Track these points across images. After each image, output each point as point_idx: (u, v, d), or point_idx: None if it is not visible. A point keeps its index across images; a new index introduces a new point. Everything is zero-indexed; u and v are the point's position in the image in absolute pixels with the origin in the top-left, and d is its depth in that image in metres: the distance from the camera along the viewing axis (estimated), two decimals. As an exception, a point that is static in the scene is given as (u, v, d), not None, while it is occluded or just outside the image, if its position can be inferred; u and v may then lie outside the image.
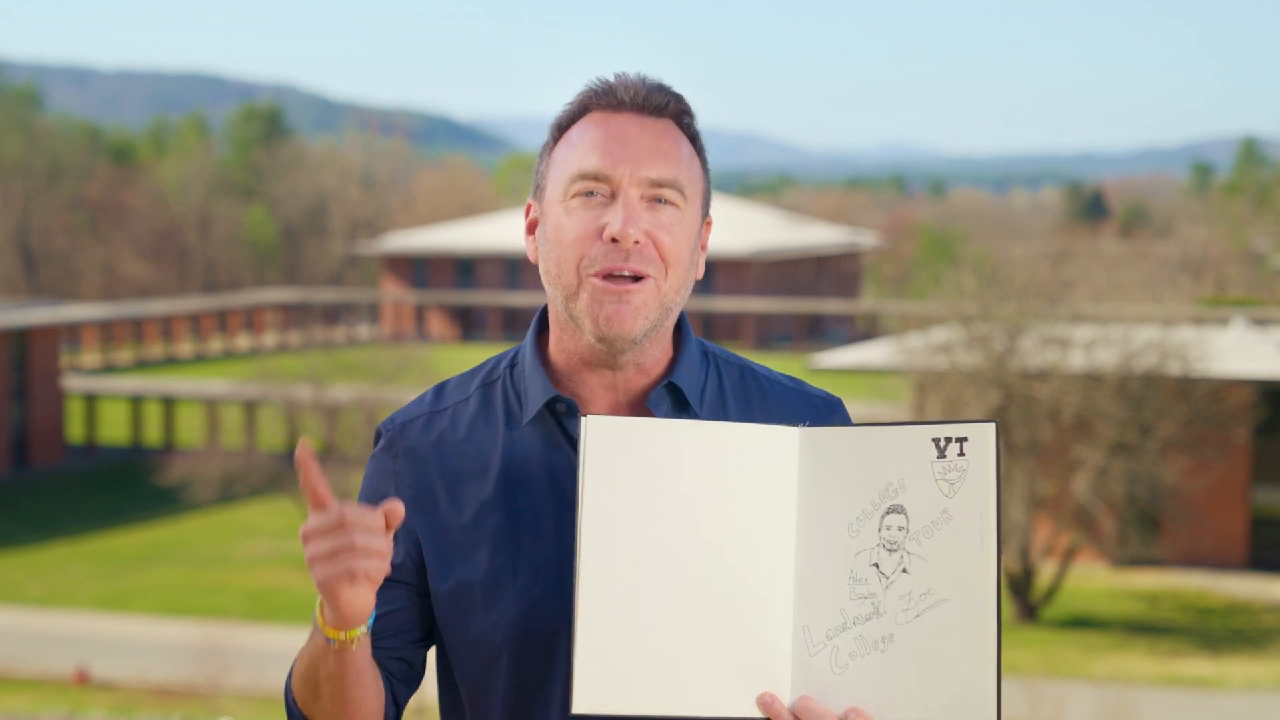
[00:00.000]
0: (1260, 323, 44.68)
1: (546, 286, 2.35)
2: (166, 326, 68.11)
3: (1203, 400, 29.85)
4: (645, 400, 2.37)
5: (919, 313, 39.08)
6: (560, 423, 2.34)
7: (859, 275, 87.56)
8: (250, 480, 35.00)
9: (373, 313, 76.48)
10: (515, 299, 71.16)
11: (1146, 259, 60.04)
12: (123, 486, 42.42)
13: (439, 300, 73.41)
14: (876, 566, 2.17)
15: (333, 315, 73.82)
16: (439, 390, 2.44)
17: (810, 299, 74.28)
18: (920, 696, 2.14)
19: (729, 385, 2.43)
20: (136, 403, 48.38)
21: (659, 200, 2.31)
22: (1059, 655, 26.62)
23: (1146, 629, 28.18)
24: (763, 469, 2.19)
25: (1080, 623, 28.66)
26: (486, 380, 2.42)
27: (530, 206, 2.41)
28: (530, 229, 2.40)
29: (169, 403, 47.47)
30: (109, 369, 61.86)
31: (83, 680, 25.09)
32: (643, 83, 2.35)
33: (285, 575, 32.42)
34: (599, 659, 2.14)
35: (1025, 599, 28.53)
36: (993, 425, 2.16)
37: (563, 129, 2.37)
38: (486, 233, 74.66)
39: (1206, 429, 30.20)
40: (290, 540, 35.45)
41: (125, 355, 65.94)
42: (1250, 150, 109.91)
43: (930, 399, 29.96)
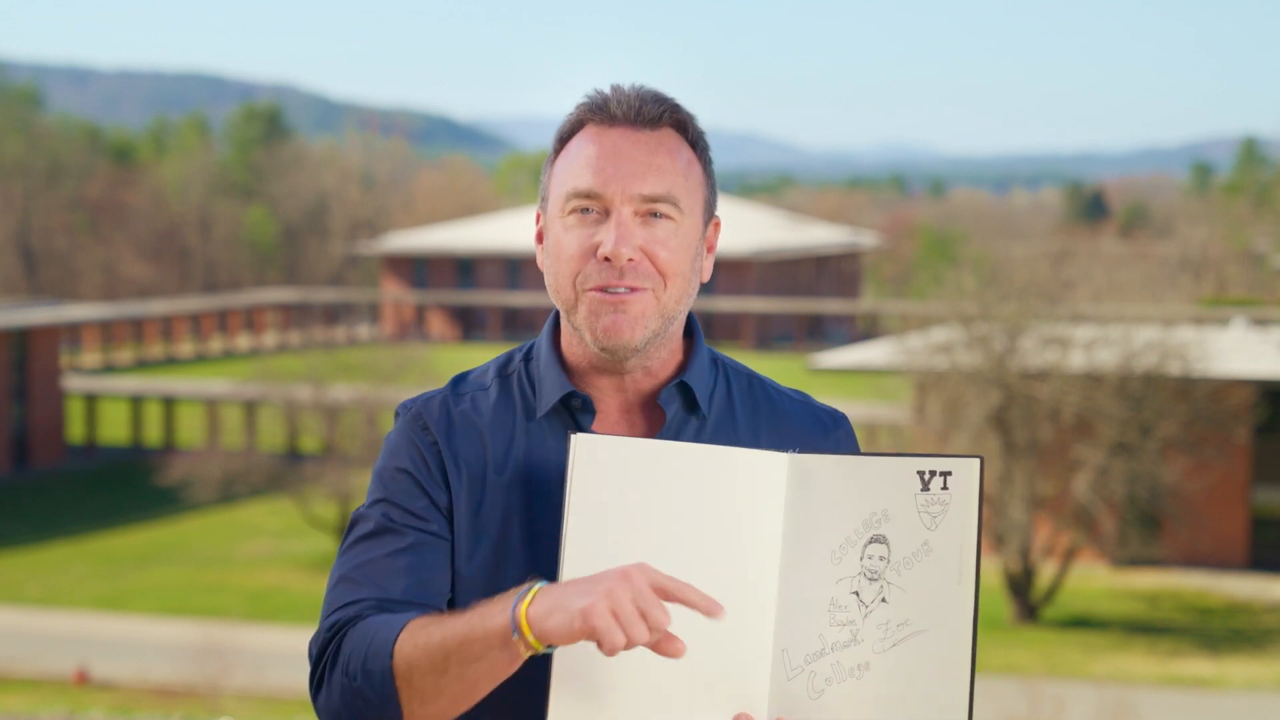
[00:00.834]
0: (1260, 323, 44.68)
1: (551, 298, 2.39)
2: (167, 326, 68.12)
3: (1203, 400, 29.85)
4: (656, 399, 2.39)
5: (919, 313, 39.10)
6: (575, 418, 2.38)
7: (859, 275, 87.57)
8: (250, 480, 35.01)
9: (373, 313, 76.49)
10: (515, 299, 71.16)
11: (1147, 259, 60.04)
12: (123, 486, 42.43)
13: (439, 300, 73.42)
14: (857, 594, 2.18)
15: (333, 315, 73.84)
16: (457, 380, 2.48)
17: (810, 299, 74.28)
18: None
19: (737, 393, 2.45)
20: (137, 403, 48.39)
21: (654, 214, 2.33)
22: (1059, 655, 26.62)
23: (1147, 629, 28.18)
24: (750, 493, 2.19)
25: (1080, 623, 28.66)
26: (503, 372, 2.46)
27: (539, 215, 2.45)
28: (539, 238, 2.44)
29: (169, 403, 47.47)
30: (109, 369, 61.86)
31: (83, 680, 25.09)
32: (637, 95, 2.37)
33: (285, 575, 32.42)
34: (576, 677, 2.14)
35: (1025, 599, 28.53)
36: (977, 461, 2.19)
37: (563, 141, 2.40)
38: (486, 233, 74.67)
39: (1207, 429, 30.20)
40: (290, 540, 35.46)
41: (125, 355, 65.94)
42: (1250, 150, 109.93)
43: (930, 399, 29.97)
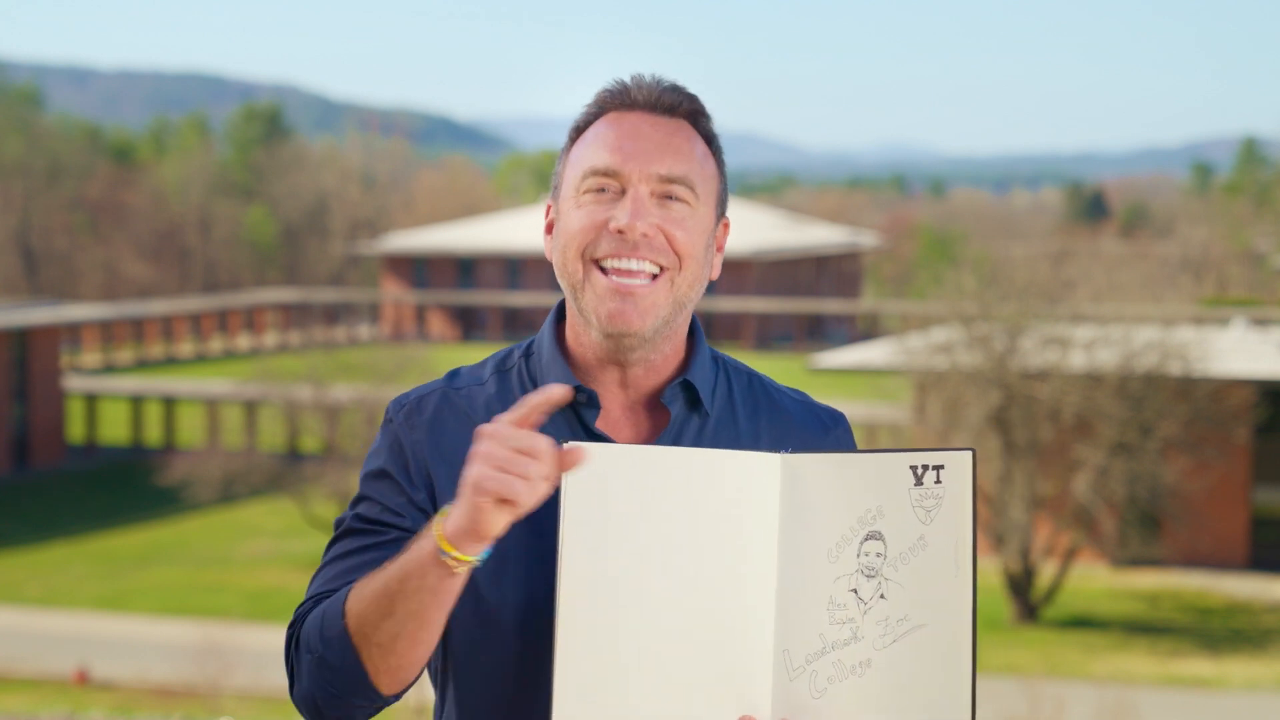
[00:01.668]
0: (1261, 323, 44.68)
1: (559, 280, 2.38)
2: (167, 326, 68.12)
3: (1203, 400, 29.85)
4: (659, 397, 2.39)
5: (919, 313, 39.09)
6: (579, 413, 2.36)
7: (859, 275, 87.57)
8: (250, 480, 35.01)
9: (373, 313, 76.48)
10: (516, 299, 71.16)
11: (1147, 259, 60.05)
12: (123, 486, 42.43)
13: (439, 300, 73.42)
14: (855, 592, 2.19)
15: (333, 315, 73.84)
16: (452, 374, 2.46)
17: (811, 299, 74.28)
18: None
19: (738, 392, 2.45)
20: (137, 403, 48.39)
21: (670, 197, 2.33)
22: (1059, 655, 26.62)
23: (1147, 629, 28.18)
24: (744, 495, 2.20)
25: (1080, 623, 28.66)
26: (501, 368, 2.44)
27: (549, 208, 2.44)
28: (548, 229, 2.43)
29: (169, 403, 47.47)
30: (109, 369, 61.86)
31: (83, 680, 25.10)
32: (657, 83, 2.39)
33: (285, 575, 32.42)
34: (579, 681, 2.15)
35: (1025, 599, 28.53)
36: (969, 454, 2.19)
37: (580, 130, 2.40)
38: (487, 233, 74.67)
39: (1207, 429, 30.20)
40: (290, 540, 35.47)
41: (126, 355, 65.95)
42: (1251, 150, 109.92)
43: (930, 399, 29.97)
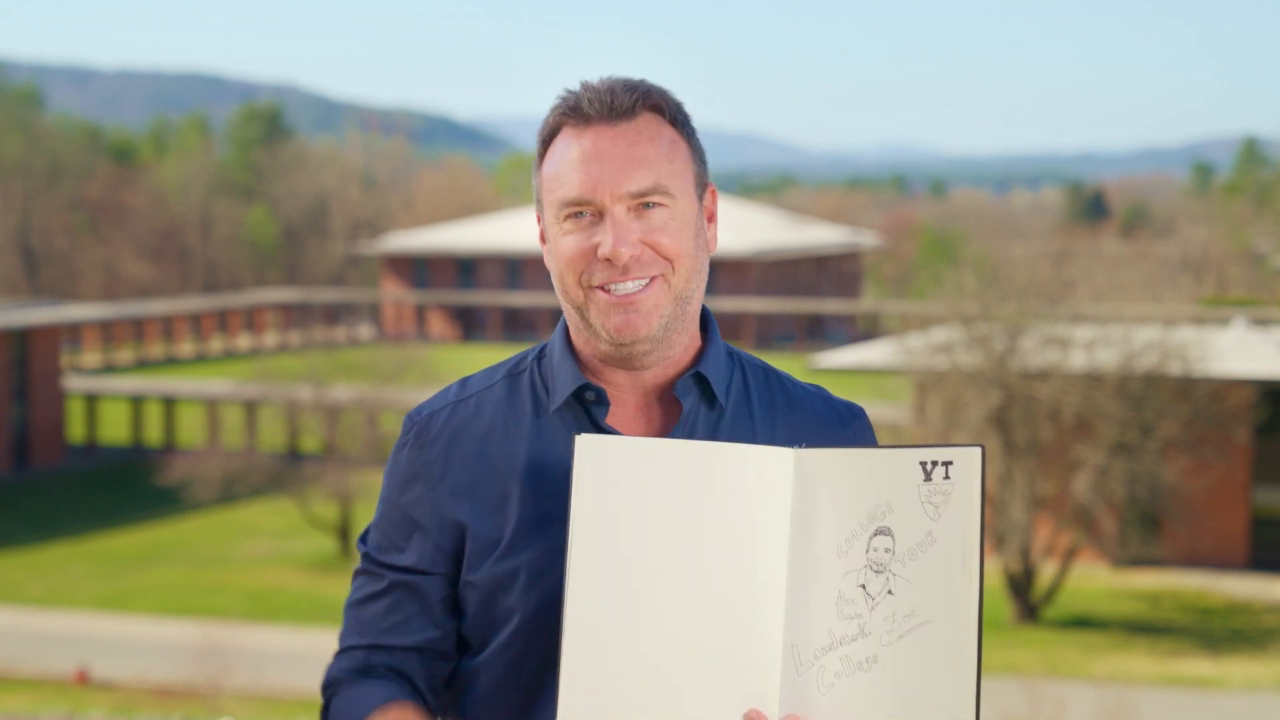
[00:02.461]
0: (1261, 323, 44.67)
1: (562, 302, 2.39)
2: (167, 326, 68.13)
3: (1203, 400, 29.85)
4: (672, 390, 2.39)
5: (919, 313, 39.09)
6: (589, 411, 2.38)
7: (859, 275, 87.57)
8: (251, 480, 35.01)
9: (373, 313, 76.48)
10: (516, 299, 71.16)
11: (1147, 259, 60.05)
12: (123, 486, 42.43)
13: (439, 300, 73.42)
14: (864, 588, 2.19)
15: (333, 315, 73.84)
16: (464, 382, 2.48)
17: (811, 299, 74.27)
18: (901, 716, 2.17)
19: (754, 386, 2.45)
20: (137, 403, 48.39)
21: (647, 205, 2.33)
22: (1059, 655, 26.62)
23: (1147, 629, 28.18)
24: (757, 490, 2.20)
25: (1081, 623, 28.66)
26: (513, 371, 2.46)
27: (539, 216, 2.45)
28: (542, 238, 2.45)
29: (169, 403, 47.47)
30: (109, 369, 61.87)
31: (83, 680, 25.10)
32: (608, 89, 2.36)
33: (285, 575, 32.42)
34: (586, 673, 2.15)
35: (1026, 599, 28.53)
36: (978, 450, 2.19)
37: (545, 144, 2.40)
38: (487, 233, 74.67)
39: (1207, 429, 30.20)
40: (291, 540, 35.47)
41: (126, 355, 65.95)
42: (1251, 150, 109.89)
43: (931, 399, 29.97)
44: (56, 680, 25.27)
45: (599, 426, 2.36)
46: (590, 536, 2.18)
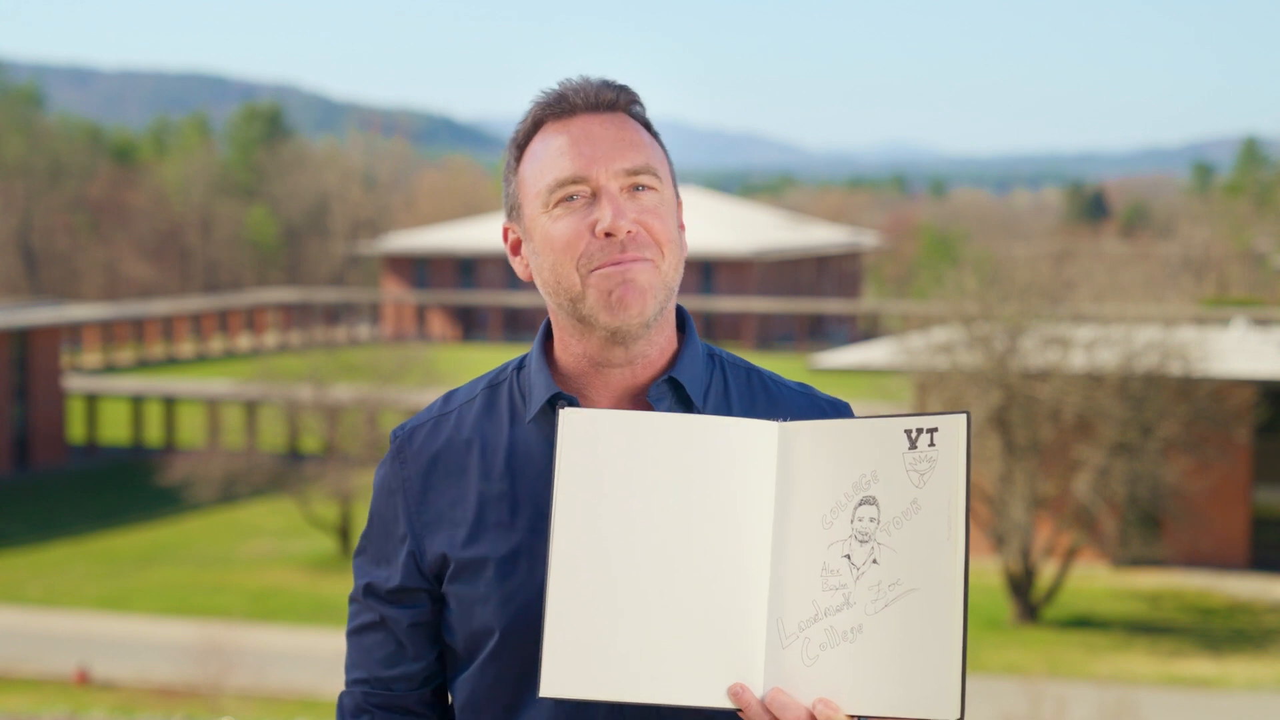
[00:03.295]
0: (1261, 323, 44.69)
1: (547, 298, 2.36)
2: (168, 326, 68.15)
3: (1204, 400, 29.85)
4: (646, 395, 2.38)
5: (920, 313, 39.10)
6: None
7: (860, 275, 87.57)
8: (251, 480, 35.02)
9: (374, 313, 76.50)
10: (516, 299, 71.18)
11: (1148, 259, 60.07)
12: (124, 486, 42.44)
13: (440, 300, 73.43)
14: (848, 558, 2.18)
15: (334, 315, 73.85)
16: (448, 396, 2.49)
17: (812, 299, 74.28)
18: (886, 686, 2.15)
19: (735, 388, 2.44)
20: (138, 403, 48.40)
21: (638, 188, 2.33)
22: (1060, 655, 26.62)
23: (1148, 629, 28.18)
24: (740, 462, 2.20)
25: (1082, 623, 28.66)
26: (493, 382, 2.47)
27: (508, 230, 2.43)
28: (514, 249, 2.42)
29: (170, 403, 47.48)
30: (110, 369, 61.89)
31: (84, 680, 25.10)
32: (589, 83, 2.38)
33: (286, 575, 32.43)
34: (569, 644, 2.15)
35: (1026, 599, 28.52)
36: (964, 416, 2.17)
37: (522, 146, 2.39)
38: (487, 233, 74.67)
39: (1208, 429, 30.20)
40: (291, 540, 35.48)
41: (126, 355, 65.97)
42: (1251, 150, 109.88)
43: (931, 399, 29.96)
44: (57, 680, 25.28)
45: None
46: (574, 510, 2.18)
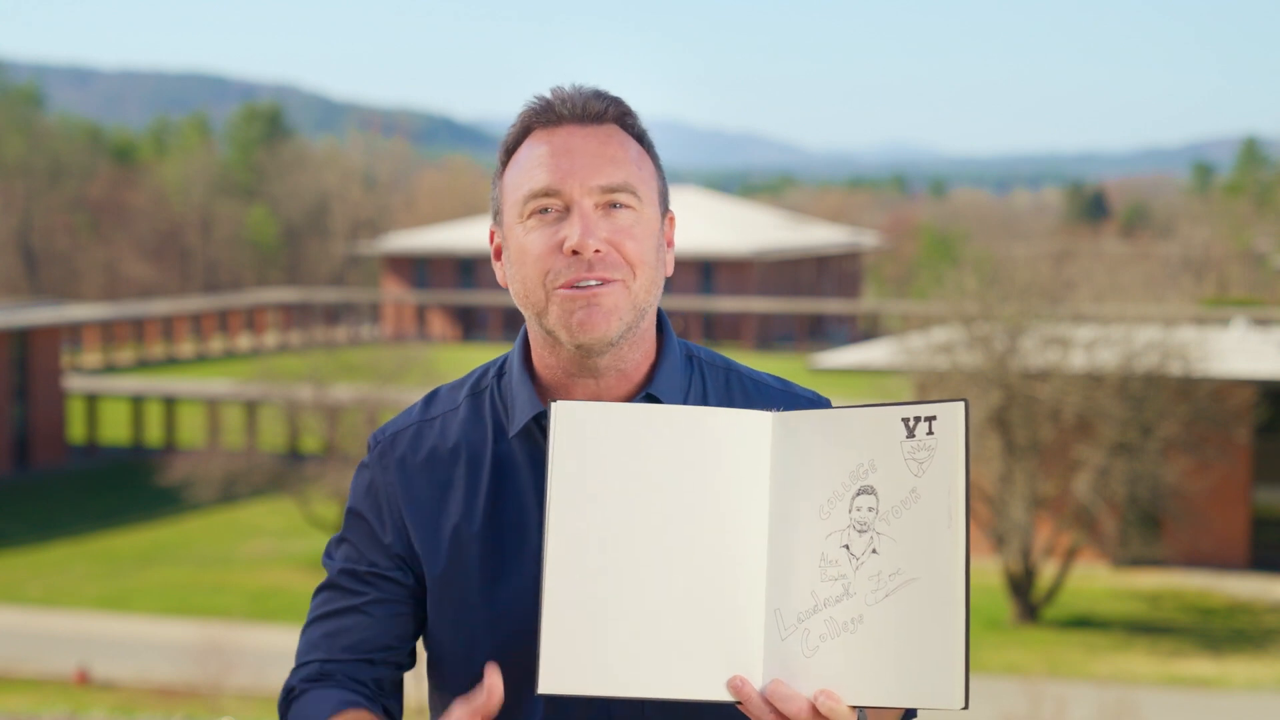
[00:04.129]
0: (1261, 323, 44.69)
1: (520, 308, 2.36)
2: (168, 326, 68.15)
3: (1204, 400, 29.85)
4: None
5: (920, 313, 39.11)
6: (547, 436, 2.34)
7: (860, 275, 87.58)
8: (251, 480, 35.02)
9: (374, 313, 76.51)
10: (516, 299, 71.14)
11: (1148, 259, 60.06)
12: (124, 486, 42.44)
13: (440, 300, 73.43)
14: (847, 548, 2.16)
15: (334, 315, 73.85)
16: (429, 400, 2.47)
17: (812, 299, 74.28)
18: (889, 676, 2.13)
19: (713, 389, 2.42)
20: (138, 403, 48.40)
21: (614, 205, 2.30)
22: (1060, 655, 26.62)
23: (1148, 629, 28.18)
24: (735, 453, 2.19)
25: (1082, 623, 28.66)
26: (475, 389, 2.44)
27: (493, 233, 2.43)
28: (497, 254, 2.42)
29: (170, 403, 47.49)
30: (110, 369, 61.89)
31: (84, 680, 25.10)
32: (579, 93, 2.35)
33: (286, 575, 32.43)
34: (566, 640, 2.14)
35: (1026, 599, 28.52)
36: (961, 404, 2.16)
37: (509, 152, 2.38)
38: (487, 232, 74.63)
39: (1208, 429, 30.20)
40: (291, 540, 35.48)
41: (126, 355, 65.97)
42: (1252, 150, 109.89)
43: (931, 399, 29.94)
44: (57, 680, 25.28)
45: None
46: (568, 504, 2.17)
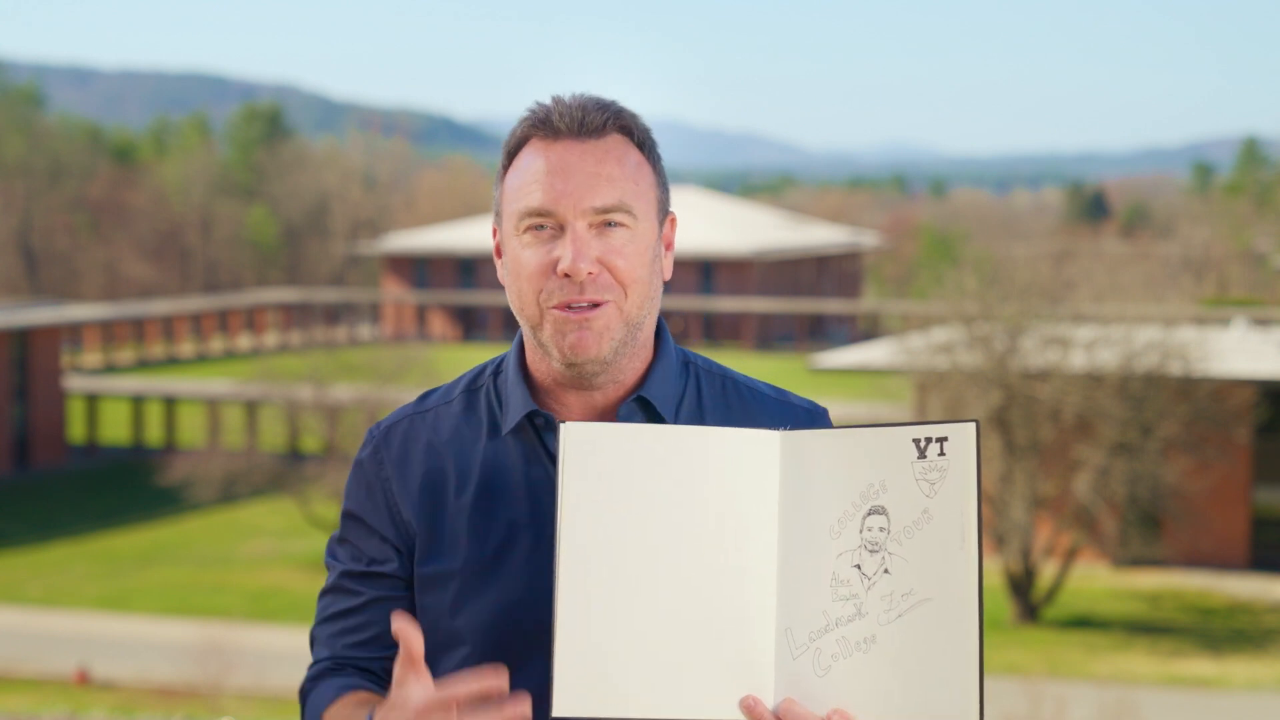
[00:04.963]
0: (1261, 323, 44.69)
1: (515, 315, 2.38)
2: (168, 326, 68.15)
3: (1204, 400, 29.85)
4: (616, 415, 2.38)
5: (920, 313, 39.12)
6: (540, 436, 2.38)
7: (860, 275, 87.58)
8: (252, 480, 35.01)
9: (374, 313, 76.51)
10: (516, 299, 71.15)
11: (1148, 259, 60.07)
12: (124, 486, 42.44)
13: (440, 300, 73.44)
14: (858, 568, 2.17)
15: (334, 315, 73.86)
16: (424, 396, 2.49)
17: (812, 299, 74.29)
18: (902, 696, 2.15)
19: (708, 396, 2.43)
20: (138, 403, 48.40)
21: (608, 224, 2.32)
22: (1060, 655, 26.62)
23: (1148, 629, 28.18)
24: (744, 473, 2.20)
25: (1082, 623, 28.66)
26: (471, 386, 2.46)
27: (495, 230, 2.44)
28: (497, 252, 2.43)
29: (170, 403, 47.49)
30: (110, 369, 61.89)
31: (84, 680, 25.10)
32: (579, 105, 2.35)
33: (286, 575, 32.44)
34: (579, 661, 2.15)
35: (1026, 599, 28.53)
36: (973, 425, 2.17)
37: (510, 155, 2.39)
38: (487, 233, 74.19)
39: (1208, 429, 30.21)
40: (291, 540, 35.48)
41: (126, 355, 65.97)
42: (1251, 150, 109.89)
43: (931, 399, 29.98)
44: (57, 680, 25.28)
45: (549, 451, 2.36)
46: (579, 525, 2.18)
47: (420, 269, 75.34)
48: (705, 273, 71.00)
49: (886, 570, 2.16)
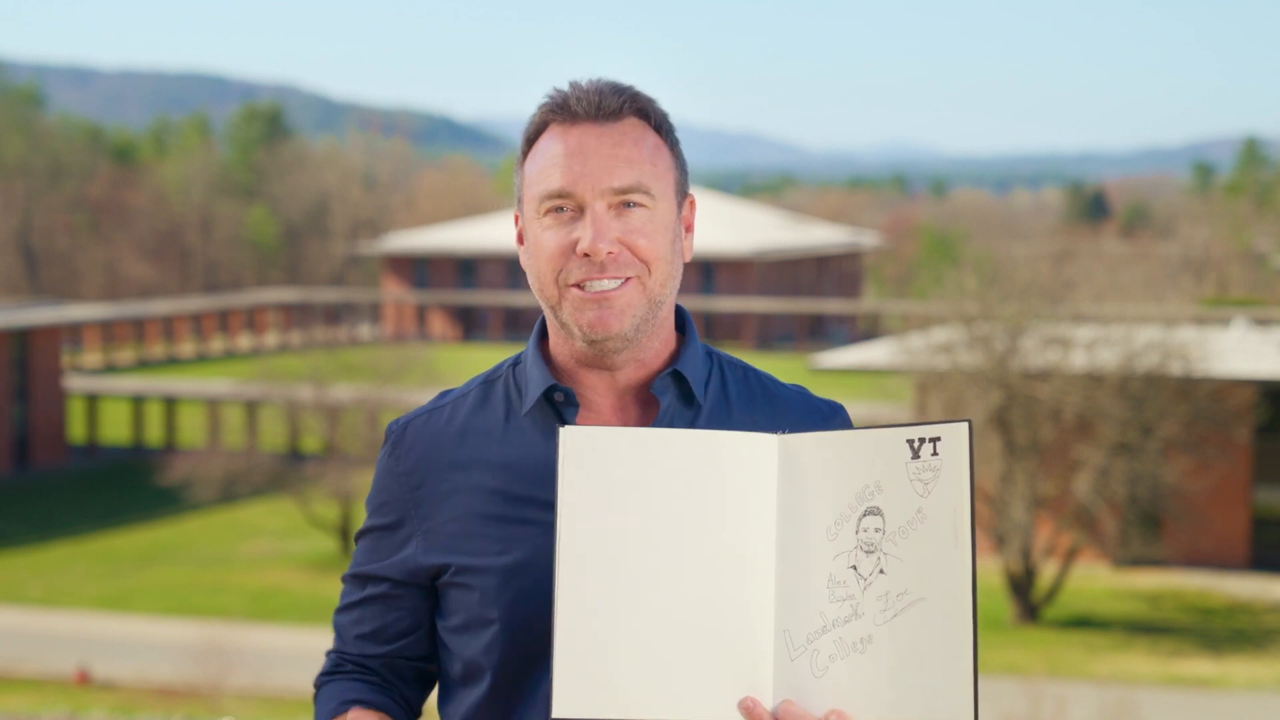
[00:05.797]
0: (1261, 323, 44.70)
1: (536, 297, 2.41)
2: (168, 326, 68.16)
3: (1204, 400, 29.86)
4: (650, 388, 2.40)
5: (920, 313, 39.13)
6: (559, 413, 2.40)
7: (860, 275, 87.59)
8: (252, 480, 35.03)
9: (374, 313, 76.52)
10: (517, 299, 71.18)
11: (1148, 259, 60.09)
12: (124, 486, 42.45)
13: (440, 300, 73.44)
14: (855, 569, 2.19)
15: (334, 315, 73.86)
16: (444, 393, 2.53)
17: (812, 299, 74.30)
18: (898, 695, 2.16)
19: (733, 385, 2.47)
20: (138, 403, 48.41)
21: (627, 204, 2.35)
22: (1060, 655, 26.63)
23: (1148, 629, 28.19)
24: (742, 475, 2.21)
25: (1082, 623, 28.66)
26: (489, 378, 2.50)
27: (516, 216, 2.47)
28: (520, 239, 2.47)
29: (170, 403, 47.49)
30: (110, 369, 61.90)
31: (84, 680, 25.11)
32: (596, 90, 2.39)
33: (286, 575, 32.44)
34: (579, 663, 2.16)
35: (1027, 599, 28.53)
36: (965, 425, 2.18)
37: (530, 142, 2.43)
38: (488, 233, 74.71)
39: (1208, 429, 30.21)
40: (291, 540, 35.49)
41: (127, 355, 65.98)
42: (1252, 150, 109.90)
43: (932, 399, 29.98)
44: (58, 680, 25.29)
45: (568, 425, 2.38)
46: (577, 528, 2.19)
47: (420, 269, 75.35)
48: (705, 273, 71.02)
49: (882, 571, 2.17)
